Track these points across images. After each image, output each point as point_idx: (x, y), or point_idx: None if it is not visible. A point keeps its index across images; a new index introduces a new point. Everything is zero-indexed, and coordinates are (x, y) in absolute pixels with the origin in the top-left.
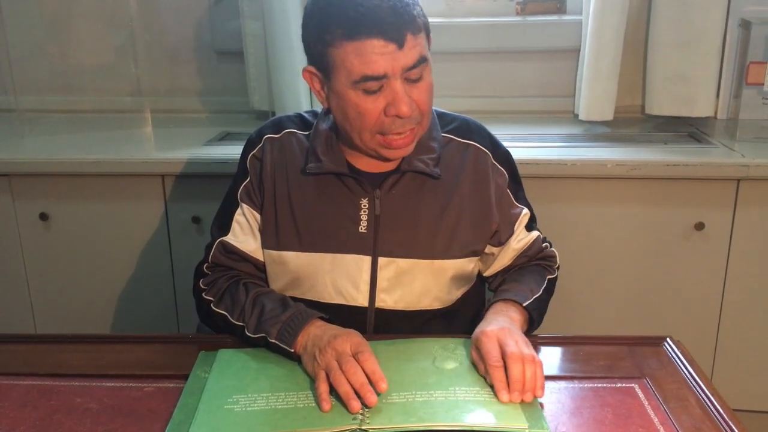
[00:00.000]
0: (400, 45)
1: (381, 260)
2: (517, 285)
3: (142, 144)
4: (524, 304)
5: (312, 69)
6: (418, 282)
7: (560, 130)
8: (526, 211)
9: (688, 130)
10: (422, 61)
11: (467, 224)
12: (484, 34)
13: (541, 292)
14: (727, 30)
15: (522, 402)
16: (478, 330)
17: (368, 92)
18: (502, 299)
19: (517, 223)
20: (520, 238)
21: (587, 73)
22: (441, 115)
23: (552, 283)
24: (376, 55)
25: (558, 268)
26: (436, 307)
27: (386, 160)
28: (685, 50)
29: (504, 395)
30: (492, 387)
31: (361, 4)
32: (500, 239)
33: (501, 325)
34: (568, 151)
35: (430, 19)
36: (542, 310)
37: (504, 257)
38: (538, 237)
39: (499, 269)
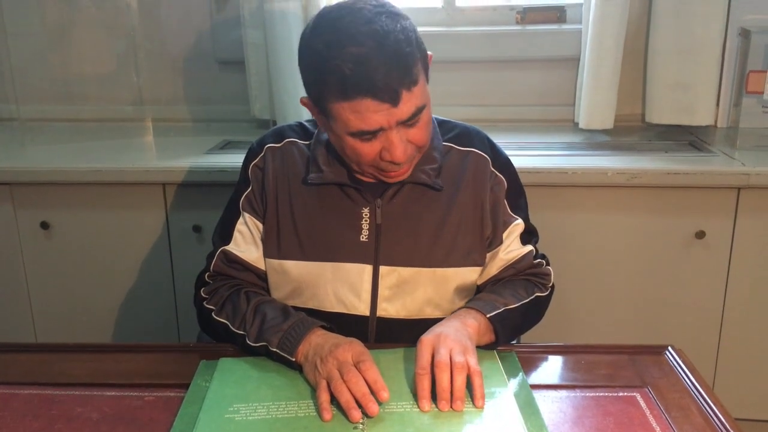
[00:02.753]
0: (395, 104)
1: (382, 269)
2: (491, 295)
3: (144, 153)
4: (488, 315)
5: (309, 102)
6: (420, 291)
7: (560, 139)
8: (519, 222)
9: (689, 138)
10: (419, 111)
11: (468, 232)
12: (484, 43)
13: (518, 305)
14: (727, 38)
15: (521, 407)
16: (421, 336)
17: (365, 140)
18: (467, 306)
19: (507, 233)
20: (511, 249)
21: (587, 82)
22: (441, 123)
23: (540, 301)
24: (371, 113)
25: (552, 287)
26: (437, 316)
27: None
28: (685, 59)
29: (424, 404)
30: (493, 398)
31: (355, 62)
32: (490, 247)
33: (442, 331)
34: (569, 159)
35: (430, 29)
36: (513, 325)
37: (492, 267)
38: (531, 252)
39: (488, 278)
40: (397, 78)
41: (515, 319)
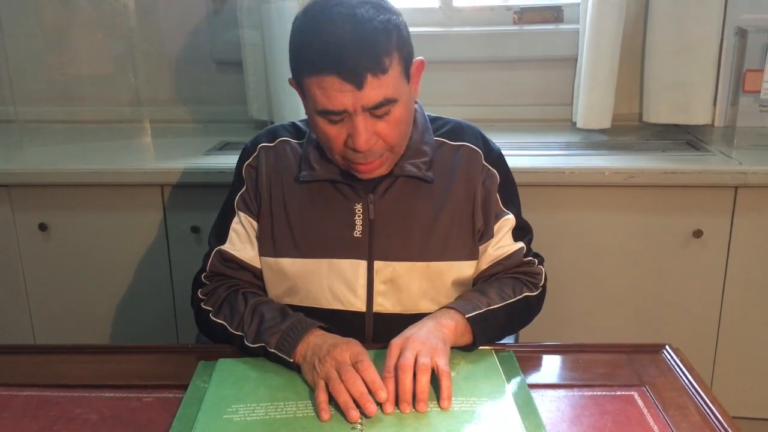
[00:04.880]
0: (359, 87)
1: (377, 264)
2: (475, 294)
3: (142, 154)
4: (467, 316)
5: (293, 82)
6: (415, 285)
7: (558, 139)
8: (510, 216)
9: (686, 137)
10: (387, 102)
11: (461, 225)
12: (481, 43)
13: (502, 305)
14: (724, 38)
15: (519, 407)
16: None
17: (332, 121)
18: (447, 306)
19: (497, 227)
20: (501, 245)
21: (585, 82)
22: (433, 119)
23: (529, 301)
24: (335, 91)
25: (543, 286)
26: (433, 310)
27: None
28: (682, 58)
29: (387, 407)
30: (491, 397)
31: (326, 39)
32: (480, 241)
33: (413, 333)
34: (566, 159)
35: (427, 29)
36: (496, 325)
37: (481, 262)
38: (521, 249)
39: (477, 273)
40: (364, 62)
41: (498, 320)
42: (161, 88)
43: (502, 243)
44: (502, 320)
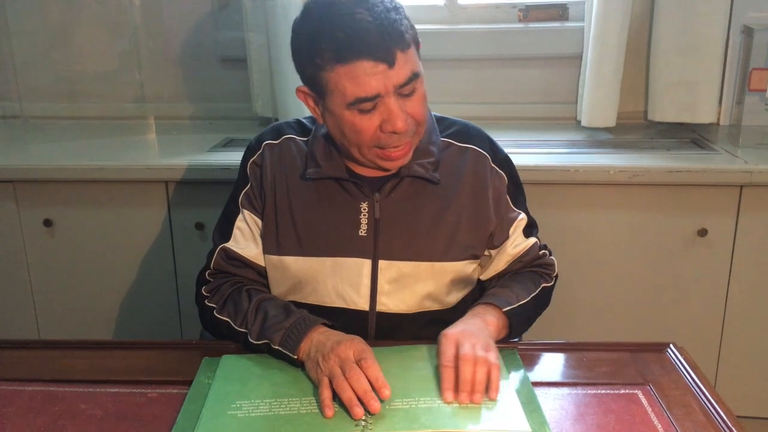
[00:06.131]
0: (391, 64)
1: (381, 263)
2: (503, 290)
3: (146, 150)
4: (504, 310)
5: (305, 89)
6: (419, 285)
7: (563, 137)
8: (523, 216)
9: (691, 136)
10: (414, 77)
11: (466, 227)
12: (486, 40)
13: (528, 300)
14: (730, 36)
15: (523, 404)
16: (443, 331)
17: (363, 111)
18: (484, 302)
19: (512, 228)
20: (517, 244)
21: (590, 80)
22: (440, 120)
23: (546, 291)
24: (368, 76)
25: (556, 276)
26: (436, 309)
27: (385, 170)
28: (687, 56)
29: (448, 395)
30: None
31: (349, 26)
32: (494, 242)
33: (465, 327)
34: (571, 157)
35: (432, 26)
36: (526, 318)
37: (499, 262)
38: (536, 244)
39: (494, 273)
40: (390, 39)
41: (527, 312)
42: (166, 85)
43: (518, 241)
44: (530, 313)
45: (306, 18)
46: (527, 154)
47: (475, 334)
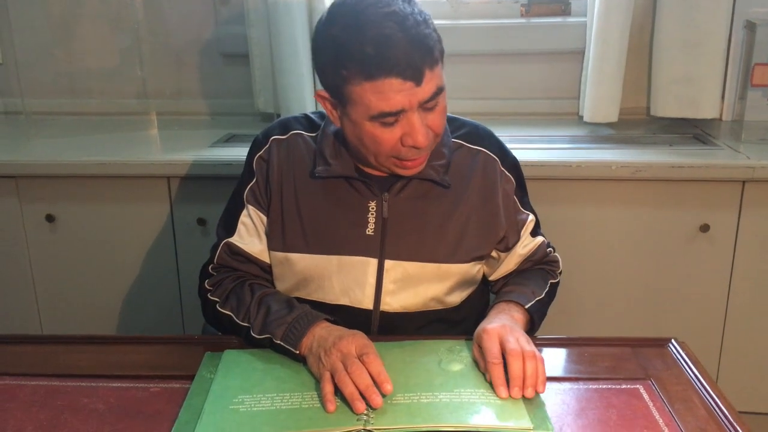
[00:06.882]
0: (419, 82)
1: (387, 263)
2: (520, 287)
3: (148, 146)
4: (526, 306)
5: (325, 94)
6: (424, 285)
7: (565, 132)
8: (531, 217)
9: (693, 131)
10: (438, 92)
11: (474, 229)
12: (488, 36)
13: (543, 295)
14: (732, 31)
15: (524, 399)
16: (480, 328)
17: (385, 125)
18: (504, 300)
19: (523, 230)
20: (526, 244)
21: (592, 75)
22: (451, 120)
23: (554, 287)
24: (394, 92)
25: (560, 273)
26: (438, 308)
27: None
28: (690, 52)
29: (502, 391)
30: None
31: (377, 42)
32: (507, 245)
33: (503, 323)
34: (573, 152)
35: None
36: (543, 313)
37: (510, 262)
38: (543, 242)
39: (504, 274)
40: (420, 56)
41: (544, 308)
42: (168, 81)
43: (526, 242)
44: (545, 308)
45: (332, 23)
46: (529, 149)
47: (513, 329)
